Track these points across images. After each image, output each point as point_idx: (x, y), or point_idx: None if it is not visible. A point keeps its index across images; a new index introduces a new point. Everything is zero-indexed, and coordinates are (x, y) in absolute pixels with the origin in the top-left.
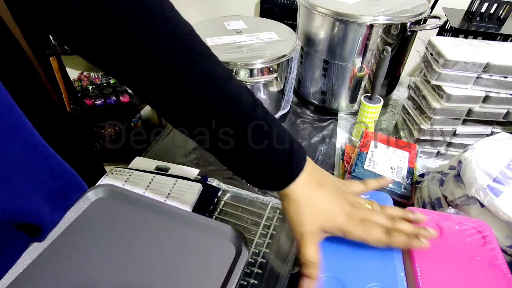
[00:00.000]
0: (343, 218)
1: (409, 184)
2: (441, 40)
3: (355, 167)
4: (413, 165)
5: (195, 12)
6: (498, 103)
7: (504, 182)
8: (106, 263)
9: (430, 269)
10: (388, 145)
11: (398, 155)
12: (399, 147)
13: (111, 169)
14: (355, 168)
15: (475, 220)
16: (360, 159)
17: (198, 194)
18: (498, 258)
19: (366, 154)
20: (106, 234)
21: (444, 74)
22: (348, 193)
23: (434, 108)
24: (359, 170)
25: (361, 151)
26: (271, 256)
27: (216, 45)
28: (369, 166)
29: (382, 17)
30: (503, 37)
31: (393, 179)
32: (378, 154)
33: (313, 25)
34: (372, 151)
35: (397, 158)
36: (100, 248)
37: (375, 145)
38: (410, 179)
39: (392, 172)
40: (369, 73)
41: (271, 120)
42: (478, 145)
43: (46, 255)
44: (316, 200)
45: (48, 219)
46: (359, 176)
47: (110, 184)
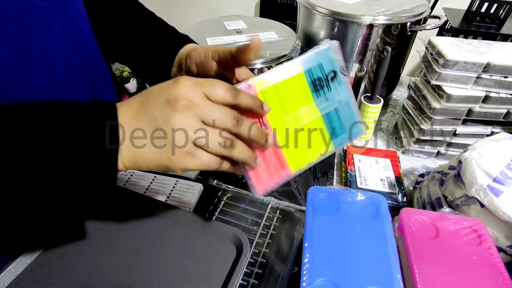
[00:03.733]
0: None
1: (402, 190)
2: (441, 40)
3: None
4: (399, 173)
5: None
6: (498, 103)
7: (504, 182)
8: (107, 263)
9: (428, 270)
10: (370, 156)
11: (382, 164)
12: (380, 155)
13: None
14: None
15: (470, 219)
16: (351, 179)
17: (199, 194)
18: (494, 257)
19: (355, 171)
20: (107, 234)
21: (444, 74)
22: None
23: (434, 108)
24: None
25: (350, 169)
26: (271, 256)
27: (216, 45)
28: (362, 184)
29: (382, 17)
30: (503, 37)
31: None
32: (364, 168)
33: (313, 25)
34: (359, 166)
35: (382, 168)
36: (101, 248)
37: (358, 159)
38: (401, 187)
39: (383, 184)
40: (369, 73)
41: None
42: (478, 145)
43: (46, 255)
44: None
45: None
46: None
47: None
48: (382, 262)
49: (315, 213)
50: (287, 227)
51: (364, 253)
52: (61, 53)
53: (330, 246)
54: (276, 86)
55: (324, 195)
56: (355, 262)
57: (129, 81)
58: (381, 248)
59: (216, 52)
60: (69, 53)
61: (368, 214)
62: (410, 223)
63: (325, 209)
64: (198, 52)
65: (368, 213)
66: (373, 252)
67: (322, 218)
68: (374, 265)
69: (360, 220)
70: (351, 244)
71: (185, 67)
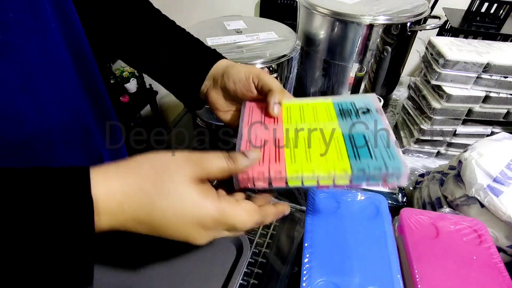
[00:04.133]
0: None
1: (402, 190)
2: (441, 40)
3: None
4: None
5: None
6: (498, 103)
7: (504, 182)
8: (108, 263)
9: (428, 270)
10: None
11: None
12: None
13: None
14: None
15: (470, 219)
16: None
17: None
18: (494, 257)
19: None
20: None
21: (444, 74)
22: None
23: (434, 108)
24: None
25: None
26: (271, 256)
27: (216, 45)
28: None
29: (382, 17)
30: (503, 37)
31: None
32: None
33: (313, 25)
34: None
35: None
36: (102, 248)
37: None
38: (401, 187)
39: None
40: (369, 73)
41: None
42: (478, 145)
43: None
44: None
45: None
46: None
47: None
48: (382, 262)
49: (315, 213)
50: (287, 227)
51: (364, 253)
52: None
53: (330, 246)
54: (301, 104)
55: (324, 195)
56: (355, 262)
57: (129, 81)
58: (381, 248)
59: (257, 78)
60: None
61: (368, 214)
62: (410, 223)
63: (325, 209)
64: (238, 71)
65: (368, 213)
66: (373, 252)
67: (322, 218)
68: (374, 265)
69: (360, 220)
70: (351, 244)
71: (220, 83)
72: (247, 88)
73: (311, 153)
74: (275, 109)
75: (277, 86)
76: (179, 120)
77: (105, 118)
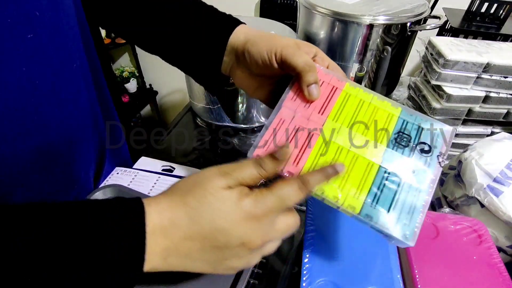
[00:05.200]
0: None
1: None
2: (441, 40)
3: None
4: None
5: None
6: (498, 103)
7: (504, 182)
8: None
9: (428, 270)
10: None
11: None
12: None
13: (116, 169)
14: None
15: (470, 219)
16: None
17: None
18: (494, 257)
19: None
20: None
21: (444, 74)
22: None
23: (434, 108)
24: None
25: None
26: (271, 256)
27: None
28: None
29: (382, 17)
30: (503, 37)
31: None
32: None
33: (313, 25)
34: None
35: None
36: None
37: None
38: None
39: None
40: (369, 73)
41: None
42: (478, 145)
43: None
44: None
45: None
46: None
47: (118, 185)
48: (382, 262)
49: (315, 213)
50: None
51: (364, 253)
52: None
53: (330, 246)
54: (362, 101)
55: None
56: (355, 262)
57: (129, 81)
58: (381, 248)
59: (280, 58)
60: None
61: None
62: None
63: (325, 209)
64: (259, 51)
65: None
66: (373, 252)
67: (322, 218)
68: (374, 265)
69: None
70: (351, 244)
71: (243, 62)
72: (274, 72)
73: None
74: (309, 93)
75: (302, 65)
76: (179, 120)
77: (108, 118)
